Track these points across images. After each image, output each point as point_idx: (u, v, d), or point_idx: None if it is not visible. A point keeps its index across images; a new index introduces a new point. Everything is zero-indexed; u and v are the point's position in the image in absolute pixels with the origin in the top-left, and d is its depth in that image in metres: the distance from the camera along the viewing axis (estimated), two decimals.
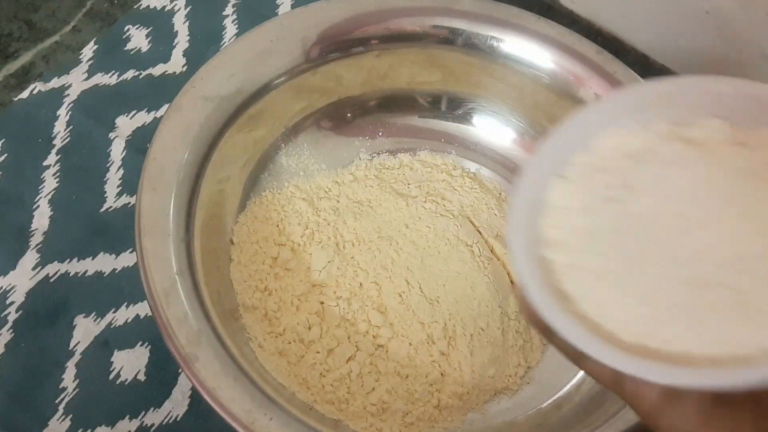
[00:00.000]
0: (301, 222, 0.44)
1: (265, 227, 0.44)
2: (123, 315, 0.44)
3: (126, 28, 0.55)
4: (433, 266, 0.43)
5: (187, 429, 0.41)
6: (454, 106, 0.50)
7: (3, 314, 0.44)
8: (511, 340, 0.42)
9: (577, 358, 0.24)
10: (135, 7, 0.56)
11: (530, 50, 0.45)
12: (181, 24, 0.56)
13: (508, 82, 0.46)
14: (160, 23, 0.56)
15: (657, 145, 0.25)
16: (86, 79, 0.52)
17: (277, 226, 0.44)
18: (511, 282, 0.44)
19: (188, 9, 0.56)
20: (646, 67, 0.53)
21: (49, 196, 0.48)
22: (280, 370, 0.39)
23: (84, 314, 0.44)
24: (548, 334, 0.24)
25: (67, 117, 0.51)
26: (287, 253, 0.43)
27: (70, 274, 0.45)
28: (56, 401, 0.41)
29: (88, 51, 0.54)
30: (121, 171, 0.49)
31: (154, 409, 0.42)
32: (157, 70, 0.53)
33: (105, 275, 0.45)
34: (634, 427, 0.35)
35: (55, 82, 0.52)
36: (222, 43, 0.55)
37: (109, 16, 0.56)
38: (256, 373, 0.36)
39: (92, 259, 0.46)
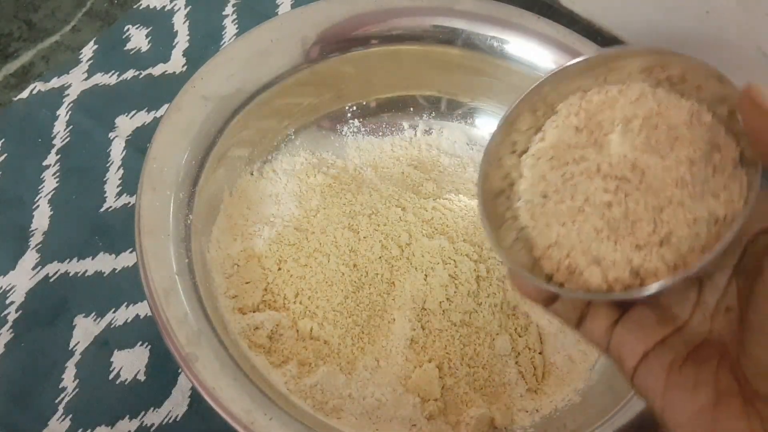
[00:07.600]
0: (297, 223, 0.44)
1: (258, 223, 0.44)
2: (123, 315, 0.44)
3: (126, 28, 0.55)
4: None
5: (187, 429, 0.41)
6: (454, 106, 0.50)
7: (3, 314, 0.44)
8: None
9: (548, 300, 0.26)
10: (135, 6, 0.56)
11: (530, 50, 0.45)
12: (181, 24, 0.56)
13: (508, 82, 0.46)
14: (160, 23, 0.56)
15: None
16: (86, 78, 0.52)
17: (271, 221, 0.44)
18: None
19: (188, 9, 0.56)
20: None
21: (49, 196, 0.48)
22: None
23: (84, 314, 0.44)
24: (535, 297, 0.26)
25: (67, 117, 0.51)
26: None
27: (70, 274, 0.45)
28: (56, 401, 0.41)
29: (87, 51, 0.54)
30: (121, 171, 0.49)
31: (154, 409, 0.42)
32: (157, 70, 0.53)
33: (105, 275, 0.45)
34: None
35: (54, 82, 0.52)
36: (222, 43, 0.55)
37: (109, 15, 0.56)
38: (255, 373, 0.36)
39: (92, 259, 0.46)
